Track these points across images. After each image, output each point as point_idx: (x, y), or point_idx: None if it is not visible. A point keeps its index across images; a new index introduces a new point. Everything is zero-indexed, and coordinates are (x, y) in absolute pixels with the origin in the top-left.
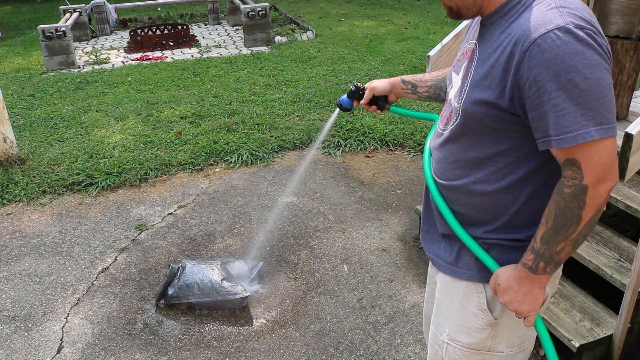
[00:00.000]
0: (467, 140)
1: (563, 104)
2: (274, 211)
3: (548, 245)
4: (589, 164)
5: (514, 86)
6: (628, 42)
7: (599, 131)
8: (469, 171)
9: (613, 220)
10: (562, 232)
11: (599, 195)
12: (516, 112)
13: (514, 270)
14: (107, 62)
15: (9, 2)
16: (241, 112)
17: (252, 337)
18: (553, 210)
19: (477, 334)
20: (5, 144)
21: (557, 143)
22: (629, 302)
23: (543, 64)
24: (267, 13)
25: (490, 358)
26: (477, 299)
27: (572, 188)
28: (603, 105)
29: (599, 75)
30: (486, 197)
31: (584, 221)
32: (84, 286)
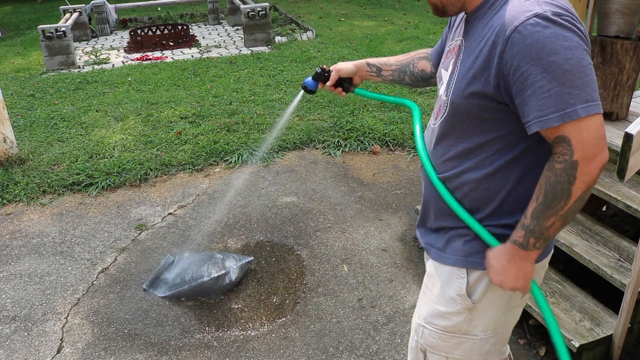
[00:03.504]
0: (456, 132)
1: (548, 85)
2: (274, 211)
3: (538, 220)
4: (578, 139)
5: (499, 74)
6: (628, 42)
7: (586, 108)
8: (458, 162)
9: (613, 220)
10: (552, 206)
11: (590, 172)
12: (503, 100)
13: (503, 250)
14: (107, 62)
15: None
16: (241, 112)
17: (252, 337)
18: (544, 186)
19: (454, 317)
20: (5, 144)
21: (546, 122)
22: (629, 302)
23: (525, 49)
24: (267, 13)
25: (465, 341)
26: (459, 284)
27: (562, 164)
28: (587, 83)
29: (580, 56)
30: (475, 185)
31: (574, 197)
32: (84, 286)
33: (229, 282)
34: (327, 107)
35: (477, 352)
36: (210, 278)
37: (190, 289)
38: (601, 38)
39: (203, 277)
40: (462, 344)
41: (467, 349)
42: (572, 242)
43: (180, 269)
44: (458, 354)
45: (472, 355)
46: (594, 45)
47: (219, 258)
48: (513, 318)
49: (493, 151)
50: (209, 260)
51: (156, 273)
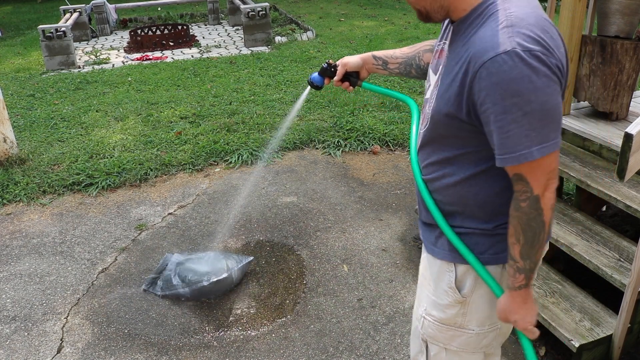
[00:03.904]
0: (435, 142)
1: (507, 126)
2: (274, 211)
3: (530, 258)
4: (534, 177)
5: (469, 101)
6: (628, 42)
7: (540, 150)
8: (437, 167)
9: (613, 220)
10: (536, 241)
11: (549, 199)
12: (474, 123)
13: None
14: (107, 62)
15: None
16: (241, 112)
17: (252, 337)
18: (519, 227)
19: (448, 310)
20: (6, 144)
21: (503, 162)
22: (629, 302)
23: (490, 87)
24: (267, 13)
25: (461, 334)
26: (449, 277)
27: (526, 201)
28: (546, 126)
29: (543, 98)
30: (452, 189)
31: (547, 224)
32: (84, 286)
33: (229, 284)
34: (327, 107)
35: (475, 346)
36: (210, 282)
37: (191, 291)
38: (601, 38)
39: (202, 282)
40: (458, 337)
41: (464, 343)
42: (572, 242)
43: (181, 269)
44: (455, 346)
45: (469, 349)
46: (594, 45)
47: (219, 259)
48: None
49: (469, 161)
50: (209, 262)
51: (155, 272)
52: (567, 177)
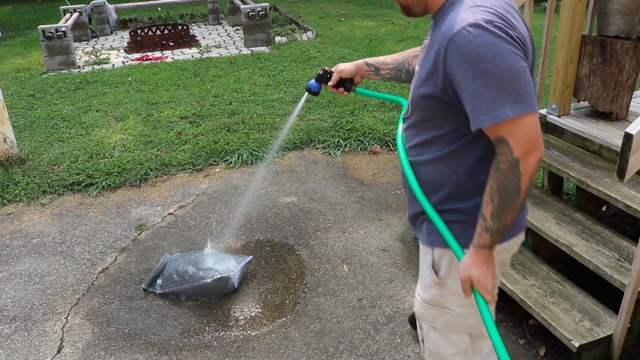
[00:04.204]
0: (417, 125)
1: (479, 89)
2: (274, 211)
3: (499, 220)
4: (514, 139)
5: (444, 76)
6: (628, 42)
7: (514, 109)
8: (420, 150)
9: (613, 220)
10: (508, 205)
11: (530, 165)
12: (451, 100)
13: (474, 259)
14: (107, 62)
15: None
16: (241, 112)
17: (252, 337)
18: (495, 187)
19: (430, 290)
20: (6, 144)
21: (479, 123)
22: (629, 302)
23: (460, 57)
24: (267, 13)
25: (443, 314)
26: (429, 260)
27: (506, 163)
28: (516, 86)
29: (509, 61)
30: (432, 168)
31: (522, 190)
32: (84, 286)
33: (231, 285)
34: (327, 107)
35: (457, 327)
36: (213, 279)
37: (192, 287)
38: (601, 38)
39: (205, 278)
40: (440, 316)
41: (446, 322)
42: (572, 242)
43: (181, 266)
44: (439, 325)
45: (452, 329)
46: (594, 45)
47: (219, 258)
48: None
49: (447, 141)
50: (210, 261)
51: (155, 272)
52: (567, 177)
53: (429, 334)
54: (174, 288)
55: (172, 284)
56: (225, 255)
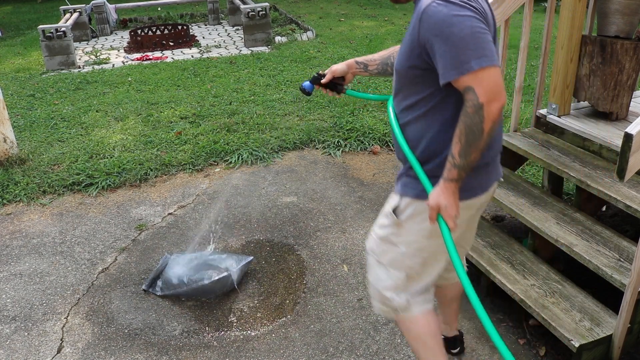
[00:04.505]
0: (401, 92)
1: (448, 49)
2: (274, 211)
3: (466, 157)
4: (479, 87)
5: (421, 47)
6: (628, 42)
7: (478, 62)
8: (405, 113)
9: (613, 220)
10: (473, 145)
11: (492, 111)
12: (427, 66)
13: (442, 190)
14: (107, 62)
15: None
16: (241, 112)
17: (252, 337)
18: (463, 129)
19: (386, 228)
20: (6, 144)
21: (449, 76)
22: (629, 302)
23: (430, 26)
24: (267, 13)
25: (391, 249)
26: (394, 203)
27: (472, 107)
28: (478, 45)
29: (472, 25)
30: (413, 127)
31: (486, 133)
32: (84, 286)
33: (230, 284)
34: (327, 107)
35: (399, 265)
36: (211, 281)
37: (191, 290)
38: (601, 38)
39: (203, 280)
40: (389, 252)
41: (392, 259)
42: (572, 242)
43: (180, 270)
44: (386, 260)
45: (395, 265)
46: (594, 45)
47: (219, 259)
48: (438, 250)
49: (424, 104)
50: (209, 261)
51: (155, 272)
52: (567, 177)
53: (374, 267)
54: (173, 291)
55: (172, 287)
56: (225, 255)
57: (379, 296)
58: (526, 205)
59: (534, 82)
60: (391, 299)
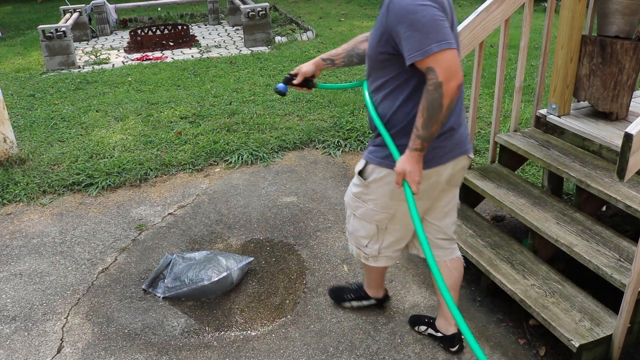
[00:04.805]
0: (372, 74)
1: (412, 34)
2: (274, 211)
3: (428, 129)
4: (439, 67)
5: (387, 33)
6: (628, 42)
7: (438, 45)
8: (376, 93)
9: (613, 220)
10: (434, 118)
11: (450, 88)
12: (394, 51)
13: (410, 157)
14: (107, 62)
15: (9, 2)
16: (241, 112)
17: (252, 337)
18: (425, 104)
19: (357, 187)
20: (6, 144)
21: (413, 58)
22: (629, 302)
23: (396, 14)
24: (267, 13)
25: (361, 205)
26: (361, 167)
27: (432, 85)
28: (438, 30)
29: (432, 14)
30: (382, 104)
31: (445, 107)
32: (84, 286)
33: (230, 284)
34: (327, 107)
35: (370, 218)
36: (211, 282)
37: (190, 290)
38: (601, 38)
39: (203, 281)
40: (360, 207)
41: (363, 213)
42: (572, 242)
43: (180, 270)
44: (359, 214)
45: (366, 218)
46: (594, 46)
47: (219, 259)
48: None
49: (390, 84)
50: (209, 262)
51: (155, 273)
52: (567, 177)
53: (351, 218)
54: (174, 292)
55: (172, 289)
56: (225, 255)
57: (355, 241)
58: (526, 205)
59: (534, 82)
60: (366, 245)
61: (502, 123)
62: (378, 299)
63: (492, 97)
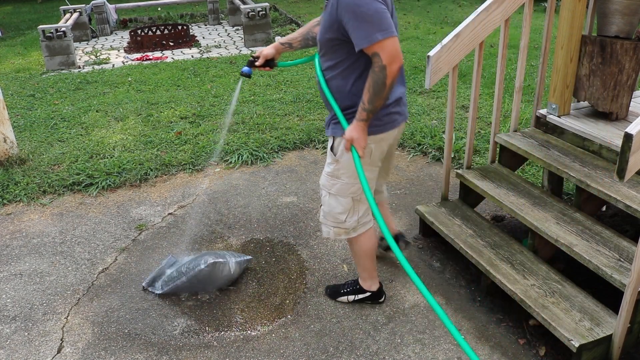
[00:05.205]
0: (324, 56)
1: (360, 25)
2: (274, 211)
3: (372, 104)
4: (383, 53)
5: (337, 22)
6: (628, 42)
7: (382, 34)
8: (328, 72)
9: (613, 220)
10: (378, 94)
11: (393, 70)
12: (344, 37)
13: (356, 126)
14: (107, 62)
15: (9, 2)
16: (241, 112)
17: (252, 337)
18: (371, 83)
19: (330, 166)
20: (6, 144)
21: (361, 45)
22: (629, 302)
23: (345, 7)
24: (267, 13)
25: (337, 183)
26: (330, 144)
27: (378, 67)
28: (381, 21)
29: (376, 7)
30: (333, 82)
31: (387, 86)
32: (84, 286)
33: (227, 274)
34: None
35: (345, 191)
36: (207, 264)
37: (188, 280)
38: (601, 38)
39: (200, 265)
40: (335, 184)
41: (339, 188)
42: (572, 242)
43: (179, 265)
44: (334, 190)
45: (342, 193)
46: (594, 46)
47: (216, 251)
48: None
49: (341, 64)
50: (207, 253)
51: (156, 272)
52: (567, 177)
53: (326, 198)
54: (172, 285)
55: (170, 281)
56: (224, 252)
57: (333, 220)
58: (526, 205)
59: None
60: (344, 220)
61: (502, 123)
62: (373, 293)
63: (492, 97)
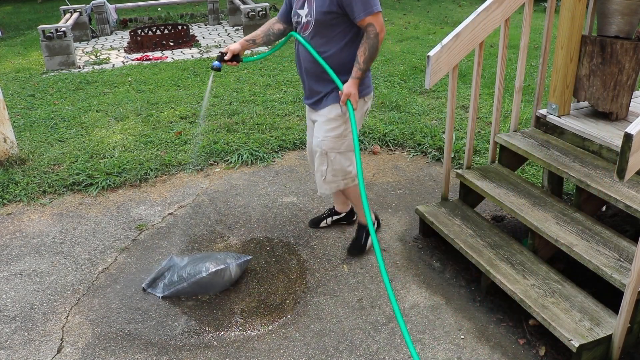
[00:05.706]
0: (320, 33)
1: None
2: (274, 211)
3: (366, 64)
4: (376, 23)
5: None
6: (628, 42)
7: (376, 8)
8: (326, 48)
9: (613, 220)
10: (373, 56)
11: (382, 37)
12: (342, 12)
13: (352, 83)
14: (107, 62)
15: (9, 2)
16: (241, 112)
17: (252, 337)
18: (367, 47)
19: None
20: (6, 144)
21: (359, 17)
22: (629, 302)
23: None
24: (267, 13)
25: (345, 140)
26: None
27: (373, 34)
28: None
29: None
30: (335, 58)
31: (378, 50)
32: (84, 286)
33: (228, 278)
34: None
35: (350, 146)
36: (209, 273)
37: (189, 285)
38: (601, 38)
39: (201, 273)
40: (344, 142)
41: (347, 145)
42: (572, 242)
43: (179, 267)
44: (344, 148)
45: (350, 147)
46: (594, 46)
47: (217, 255)
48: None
49: (341, 39)
50: (207, 258)
51: (156, 274)
52: (567, 177)
53: (336, 158)
54: (173, 289)
55: (172, 286)
56: (224, 253)
57: (343, 175)
58: (526, 205)
59: (534, 82)
60: (351, 171)
61: (502, 123)
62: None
63: (492, 97)
